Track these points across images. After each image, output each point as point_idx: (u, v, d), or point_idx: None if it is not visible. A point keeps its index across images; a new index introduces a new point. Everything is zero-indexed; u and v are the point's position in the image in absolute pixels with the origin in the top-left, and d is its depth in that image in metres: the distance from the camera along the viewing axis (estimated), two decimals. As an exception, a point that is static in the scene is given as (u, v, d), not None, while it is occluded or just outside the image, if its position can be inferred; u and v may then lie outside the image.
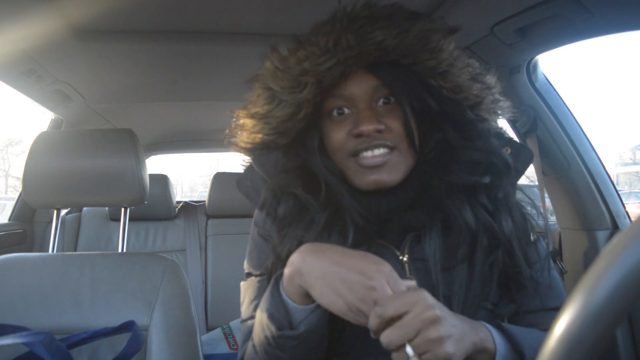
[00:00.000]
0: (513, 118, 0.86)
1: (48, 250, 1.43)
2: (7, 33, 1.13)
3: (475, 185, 0.75)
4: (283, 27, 1.21)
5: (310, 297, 0.65)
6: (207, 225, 2.34)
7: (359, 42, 0.69)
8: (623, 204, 1.39)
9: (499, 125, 0.82)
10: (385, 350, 0.69)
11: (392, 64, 0.73)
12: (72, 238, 2.22)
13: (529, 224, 0.78)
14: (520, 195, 0.80)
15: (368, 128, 0.71)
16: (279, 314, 0.66)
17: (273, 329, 0.65)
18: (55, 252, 1.41)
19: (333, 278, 0.63)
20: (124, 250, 1.52)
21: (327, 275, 0.63)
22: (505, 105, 0.80)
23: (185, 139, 2.76)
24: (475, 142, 0.75)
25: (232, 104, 0.85)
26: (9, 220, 2.04)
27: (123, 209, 1.47)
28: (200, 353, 1.04)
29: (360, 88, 0.74)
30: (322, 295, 0.63)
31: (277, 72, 0.74)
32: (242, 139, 0.83)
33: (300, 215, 0.76)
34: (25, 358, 0.91)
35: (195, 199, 2.85)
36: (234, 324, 1.98)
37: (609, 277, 0.29)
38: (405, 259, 0.75)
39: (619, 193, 1.41)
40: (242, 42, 1.33)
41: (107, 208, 2.27)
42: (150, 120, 2.34)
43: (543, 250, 0.80)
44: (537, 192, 1.41)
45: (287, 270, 0.67)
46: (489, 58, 1.26)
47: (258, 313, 0.70)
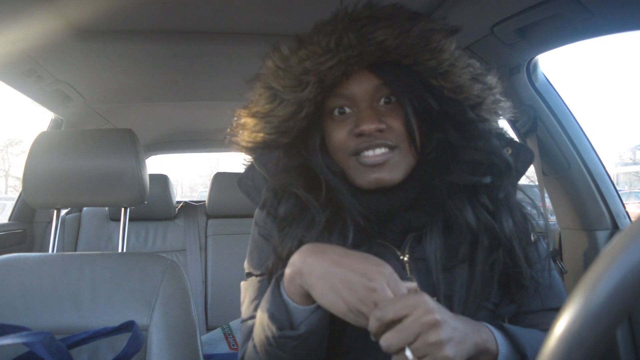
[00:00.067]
0: (513, 118, 0.86)
1: (48, 250, 1.43)
2: (7, 33, 1.13)
3: (476, 186, 0.75)
4: (283, 27, 1.21)
5: (311, 297, 0.65)
6: (207, 225, 2.34)
7: (361, 41, 0.70)
8: (623, 204, 1.39)
9: (500, 126, 0.82)
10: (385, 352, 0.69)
11: (393, 64, 0.73)
12: (72, 238, 2.22)
13: (530, 224, 0.78)
14: (521, 195, 0.80)
15: (369, 127, 0.71)
16: (280, 314, 0.66)
17: (274, 329, 0.65)
18: (55, 252, 1.41)
19: (333, 279, 0.63)
20: (124, 250, 1.52)
21: (327, 276, 0.63)
22: (506, 106, 0.80)
23: (185, 139, 2.76)
24: (476, 142, 0.75)
25: (232, 104, 0.85)
26: (9, 220, 2.04)
27: (123, 209, 1.47)
28: (200, 353, 1.04)
29: (362, 87, 0.74)
30: (322, 296, 0.63)
31: (278, 71, 0.74)
32: (243, 138, 0.83)
33: (301, 215, 0.76)
34: (25, 358, 0.91)
35: (195, 199, 2.85)
36: (234, 324, 1.98)
37: (609, 277, 0.29)
38: (406, 259, 0.75)
39: (619, 193, 1.41)
40: (242, 42, 1.33)
41: (107, 208, 2.27)
42: (150, 120, 2.34)
43: (543, 251, 0.80)
44: (537, 192, 1.41)
45: (288, 271, 0.67)
46: (489, 58, 1.26)
47: (259, 313, 0.70)
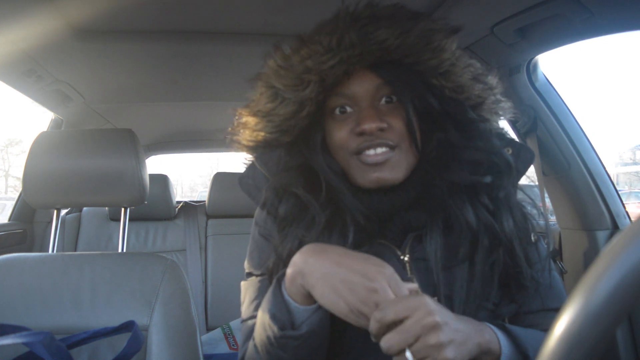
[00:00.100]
0: (513, 118, 0.86)
1: (48, 250, 1.43)
2: (7, 33, 1.13)
3: (477, 185, 0.75)
4: (283, 27, 1.21)
5: (313, 297, 0.65)
6: (207, 225, 2.34)
7: (362, 41, 0.70)
8: (623, 204, 1.39)
9: (500, 126, 0.82)
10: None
11: (394, 64, 0.73)
12: (72, 238, 2.22)
13: (530, 224, 0.78)
14: (521, 195, 0.80)
15: (370, 126, 0.71)
16: (281, 314, 0.66)
17: (275, 329, 0.65)
18: (55, 252, 1.41)
19: (334, 279, 0.63)
20: (124, 250, 1.52)
21: (328, 276, 0.63)
22: (507, 106, 0.80)
23: (185, 139, 2.76)
24: (477, 142, 0.75)
25: (232, 104, 0.85)
26: (9, 220, 2.04)
27: (123, 209, 1.47)
28: (200, 353, 1.03)
29: (363, 87, 0.74)
30: (323, 296, 0.63)
31: (280, 70, 0.74)
32: (244, 137, 0.83)
33: (302, 215, 0.76)
34: (25, 358, 0.91)
35: (195, 199, 2.85)
36: (234, 324, 1.98)
37: (609, 277, 0.29)
38: (407, 259, 0.75)
39: (619, 193, 1.41)
40: (242, 42, 1.33)
41: (107, 208, 2.27)
42: (150, 120, 2.34)
43: (543, 251, 0.80)
44: (537, 192, 1.41)
45: (289, 271, 0.67)
46: (489, 58, 1.26)
47: (260, 313, 0.70)
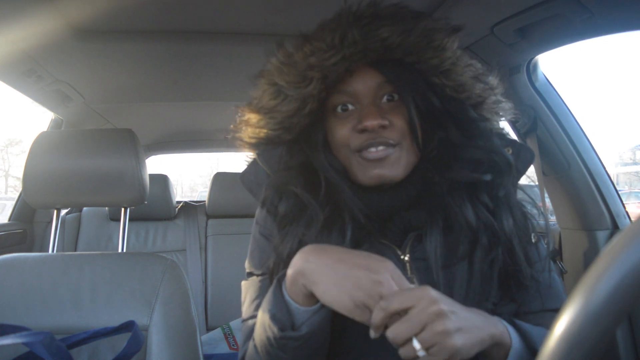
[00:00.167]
0: (513, 118, 0.86)
1: (48, 250, 1.43)
2: (7, 33, 1.13)
3: (477, 184, 0.75)
4: (283, 27, 1.21)
5: (314, 298, 0.65)
6: (207, 225, 2.34)
7: (364, 38, 0.70)
8: (623, 204, 1.39)
9: (501, 126, 0.83)
10: (386, 351, 0.68)
11: (396, 62, 0.74)
12: (72, 238, 2.22)
13: (530, 224, 0.78)
14: (521, 195, 0.80)
15: (372, 123, 0.71)
16: (281, 315, 0.66)
17: (275, 330, 0.65)
18: (55, 252, 1.41)
19: (338, 275, 0.62)
20: (124, 250, 1.52)
21: (331, 273, 0.63)
22: (507, 107, 0.80)
23: (185, 139, 2.76)
24: (477, 140, 0.76)
25: (232, 104, 0.85)
26: (9, 220, 2.04)
27: (123, 209, 1.47)
28: (200, 353, 1.03)
29: (365, 84, 0.75)
30: (326, 293, 0.63)
31: (282, 67, 0.75)
32: (246, 134, 0.83)
33: (301, 213, 0.76)
34: (25, 358, 0.91)
35: (195, 199, 2.85)
36: (234, 324, 1.98)
37: (609, 277, 0.29)
38: (407, 259, 0.75)
39: (619, 193, 1.41)
40: (242, 42, 1.33)
41: (107, 208, 2.27)
42: (150, 120, 2.34)
43: (543, 251, 0.80)
44: (537, 192, 1.41)
45: (289, 272, 0.67)
46: (489, 58, 1.26)
47: (260, 313, 0.70)
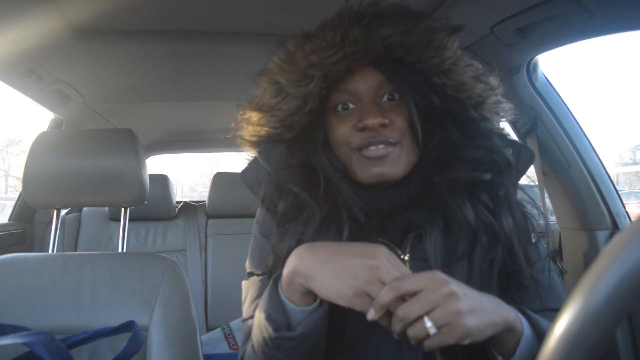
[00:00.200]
0: (514, 119, 0.86)
1: (48, 250, 1.43)
2: (7, 33, 1.13)
3: (477, 183, 0.75)
4: (283, 27, 1.21)
5: (311, 297, 0.65)
6: (207, 225, 2.34)
7: (365, 37, 0.70)
8: (623, 204, 1.39)
9: (501, 127, 0.83)
10: (386, 352, 0.68)
11: (396, 61, 0.74)
12: (72, 238, 2.22)
13: (530, 223, 0.78)
14: (521, 195, 0.80)
15: (372, 122, 0.71)
16: (277, 315, 0.66)
17: (270, 330, 0.65)
18: (55, 252, 1.41)
19: (334, 267, 0.62)
20: (124, 250, 1.52)
21: (327, 266, 0.63)
22: (508, 107, 0.80)
23: (185, 139, 2.76)
24: (477, 140, 0.76)
25: (232, 104, 0.85)
26: (9, 220, 2.04)
27: (123, 209, 1.47)
28: (200, 353, 1.03)
29: (365, 83, 0.75)
30: (324, 286, 0.62)
31: (284, 65, 0.75)
32: (247, 132, 0.83)
33: (300, 212, 0.76)
34: (25, 358, 0.91)
35: (195, 199, 2.85)
36: (234, 324, 1.98)
37: (609, 277, 0.29)
38: (407, 258, 0.75)
39: (619, 193, 1.41)
40: (242, 42, 1.33)
41: (107, 208, 2.27)
42: (150, 120, 2.34)
43: (543, 251, 0.80)
44: (537, 192, 1.41)
45: (285, 272, 0.67)
46: (489, 58, 1.26)
47: (257, 313, 0.70)
